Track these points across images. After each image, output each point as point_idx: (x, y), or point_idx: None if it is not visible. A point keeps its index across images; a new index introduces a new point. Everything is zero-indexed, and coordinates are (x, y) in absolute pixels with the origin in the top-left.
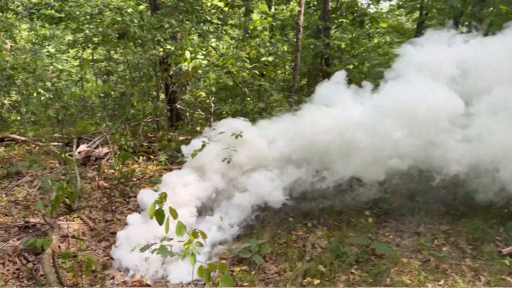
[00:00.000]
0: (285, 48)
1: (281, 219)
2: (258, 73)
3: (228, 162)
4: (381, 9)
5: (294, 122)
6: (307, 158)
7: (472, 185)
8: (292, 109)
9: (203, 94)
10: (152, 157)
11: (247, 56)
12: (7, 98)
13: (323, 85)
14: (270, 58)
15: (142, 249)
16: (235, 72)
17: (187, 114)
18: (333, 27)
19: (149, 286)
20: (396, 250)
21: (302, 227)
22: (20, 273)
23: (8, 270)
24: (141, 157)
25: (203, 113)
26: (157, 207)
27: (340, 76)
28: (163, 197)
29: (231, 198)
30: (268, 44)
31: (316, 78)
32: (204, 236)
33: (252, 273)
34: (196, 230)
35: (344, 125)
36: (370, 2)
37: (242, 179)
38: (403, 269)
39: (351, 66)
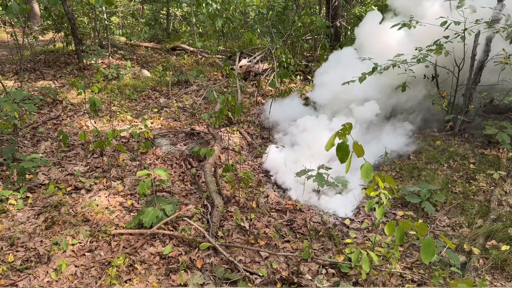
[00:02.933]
0: None
1: (457, 164)
2: None
3: (404, 90)
4: None
5: None
6: None
7: None
8: None
9: (375, 9)
10: (309, 77)
11: None
12: (179, 9)
13: None
14: None
15: (299, 174)
16: None
17: (348, 32)
18: None
19: (302, 212)
20: None
21: (485, 178)
22: (185, 177)
23: (175, 172)
24: (298, 76)
25: None
26: (338, 140)
27: None
28: (347, 128)
29: None
30: None
31: None
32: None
33: (420, 221)
34: (383, 174)
35: None
36: None
37: None
38: None
39: None
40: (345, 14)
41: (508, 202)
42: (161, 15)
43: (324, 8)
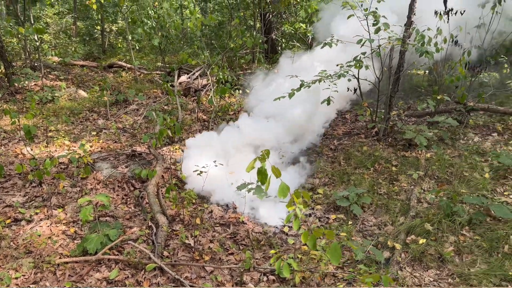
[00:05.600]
0: None
1: (382, 167)
2: None
3: (328, 104)
4: None
5: None
6: None
7: None
8: None
9: (303, 26)
10: (248, 91)
11: None
12: (114, 25)
13: None
14: None
15: (239, 187)
16: None
17: (283, 45)
18: None
19: (245, 224)
20: None
21: (406, 178)
22: (128, 199)
23: (117, 195)
24: (237, 90)
25: (299, 44)
26: (258, 164)
27: None
28: (266, 153)
29: None
30: None
31: None
32: (306, 196)
33: (349, 223)
34: (300, 190)
35: None
36: None
37: None
38: None
39: None
40: (279, 27)
41: (426, 199)
42: (96, 30)
43: (259, 23)
